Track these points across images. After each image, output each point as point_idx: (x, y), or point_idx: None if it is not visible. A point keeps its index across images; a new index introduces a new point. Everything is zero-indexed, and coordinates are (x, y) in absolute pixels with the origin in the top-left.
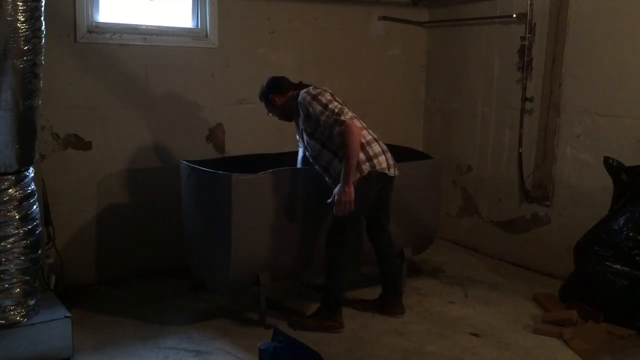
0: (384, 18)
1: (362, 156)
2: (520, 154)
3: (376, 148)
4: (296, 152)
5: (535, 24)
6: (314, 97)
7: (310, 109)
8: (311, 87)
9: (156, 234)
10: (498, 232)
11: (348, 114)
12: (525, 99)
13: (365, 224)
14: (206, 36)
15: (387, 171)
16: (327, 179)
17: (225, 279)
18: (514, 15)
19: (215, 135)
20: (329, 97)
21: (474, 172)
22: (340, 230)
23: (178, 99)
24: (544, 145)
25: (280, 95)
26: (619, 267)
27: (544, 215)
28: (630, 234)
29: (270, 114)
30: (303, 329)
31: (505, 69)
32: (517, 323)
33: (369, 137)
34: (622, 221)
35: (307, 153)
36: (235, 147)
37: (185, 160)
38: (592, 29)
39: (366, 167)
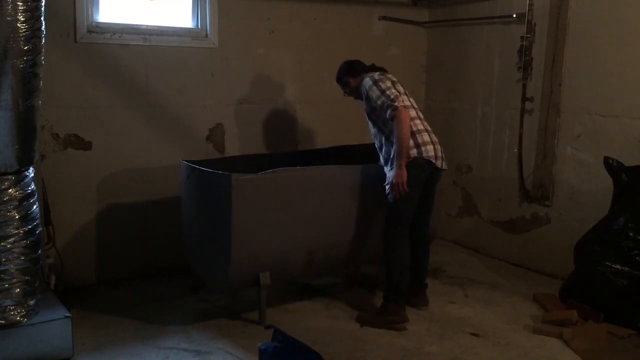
0: (384, 18)
1: (410, 143)
2: (520, 154)
3: (425, 137)
4: (296, 152)
5: (535, 24)
6: (375, 82)
7: (370, 92)
8: (376, 73)
9: (156, 234)
10: (498, 232)
11: (403, 102)
12: (525, 99)
13: None
14: (206, 36)
15: (433, 160)
16: (382, 160)
17: (225, 279)
18: (514, 15)
19: (215, 135)
20: (389, 84)
21: (474, 172)
22: (394, 222)
23: (178, 98)
24: (544, 145)
25: (354, 77)
26: (619, 267)
27: (544, 215)
28: (630, 234)
29: (346, 95)
30: (368, 325)
31: (505, 69)
32: (517, 323)
33: (421, 127)
34: (622, 221)
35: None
36: (235, 147)
37: (185, 160)
38: (592, 28)
39: (413, 152)
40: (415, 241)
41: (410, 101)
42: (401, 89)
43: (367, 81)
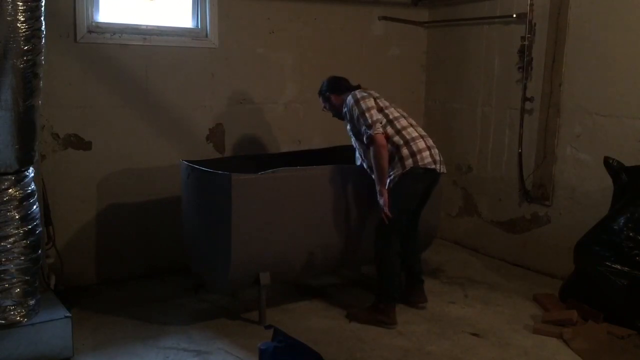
0: (384, 18)
1: (405, 152)
2: (520, 154)
3: (420, 144)
4: (296, 152)
5: (535, 24)
6: (357, 101)
7: (353, 111)
8: (358, 90)
9: (156, 234)
10: (498, 232)
11: (381, 126)
12: (525, 99)
13: None
14: (206, 36)
15: (432, 166)
16: (373, 176)
17: (225, 279)
18: (514, 15)
19: (215, 135)
20: (371, 103)
21: (474, 172)
22: (386, 230)
23: (178, 98)
24: (544, 145)
25: (337, 95)
26: (619, 267)
27: (544, 215)
28: (630, 234)
29: (324, 109)
30: (357, 320)
31: (505, 69)
32: (517, 323)
33: (414, 134)
34: (622, 221)
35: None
36: (235, 147)
37: (185, 160)
38: (592, 29)
39: (409, 162)
40: (405, 238)
41: (398, 111)
42: (386, 103)
43: (350, 100)
